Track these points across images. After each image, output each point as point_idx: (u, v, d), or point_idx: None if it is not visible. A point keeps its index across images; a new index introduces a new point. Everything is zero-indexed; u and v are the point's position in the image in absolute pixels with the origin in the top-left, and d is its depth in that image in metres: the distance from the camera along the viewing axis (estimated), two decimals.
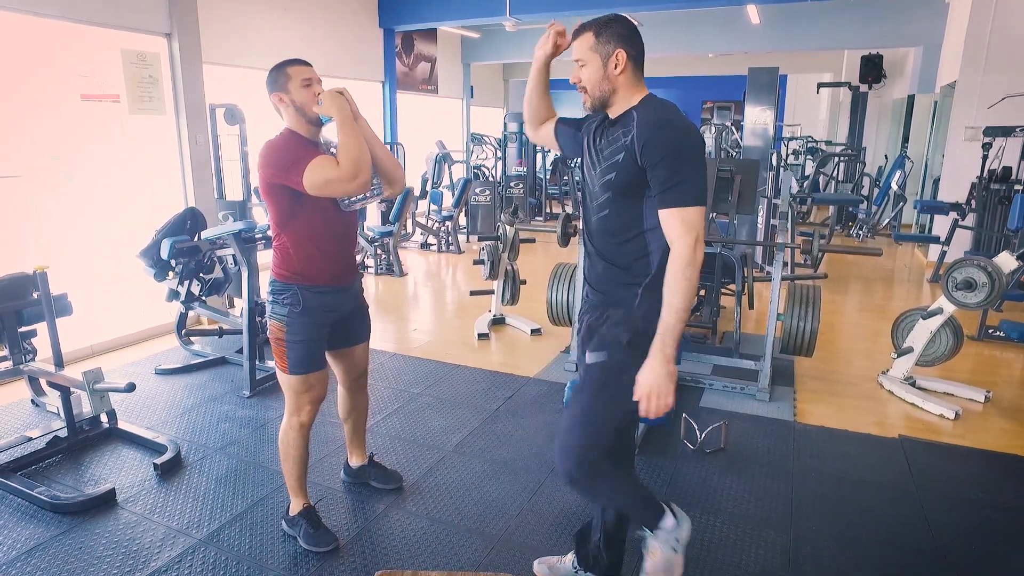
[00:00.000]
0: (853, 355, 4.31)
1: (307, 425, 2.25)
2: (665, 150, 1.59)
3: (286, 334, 2.17)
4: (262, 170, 2.06)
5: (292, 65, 2.10)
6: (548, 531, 2.39)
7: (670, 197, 1.60)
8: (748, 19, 8.34)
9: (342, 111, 2.04)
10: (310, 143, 2.13)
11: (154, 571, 2.18)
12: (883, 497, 2.62)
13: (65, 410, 2.93)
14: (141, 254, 3.86)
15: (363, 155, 2.02)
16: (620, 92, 1.70)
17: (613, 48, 1.66)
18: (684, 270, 1.59)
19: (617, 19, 1.69)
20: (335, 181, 2.00)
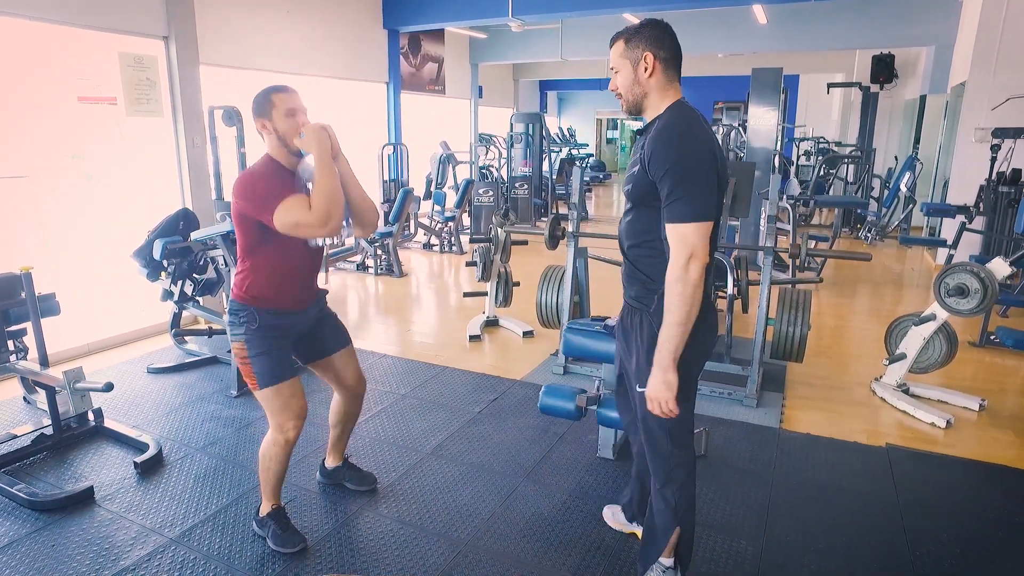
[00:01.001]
0: (849, 361, 4.24)
1: (292, 443, 2.22)
2: (668, 164, 1.62)
3: (248, 351, 2.17)
4: (236, 200, 2.07)
5: (277, 92, 2.09)
6: (516, 536, 2.38)
7: (670, 212, 1.63)
8: (755, 19, 8.25)
9: (322, 149, 2.03)
10: (287, 173, 2.14)
11: (122, 570, 2.20)
12: (862, 507, 2.57)
13: (51, 408, 2.98)
14: (135, 254, 3.92)
15: (336, 201, 2.01)
16: (651, 96, 1.74)
17: (642, 52, 1.70)
18: (673, 285, 1.63)
19: (648, 23, 1.72)
20: (305, 225, 2.00)
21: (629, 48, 1.72)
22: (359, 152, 7.61)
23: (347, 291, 6.18)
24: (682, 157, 1.61)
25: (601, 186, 17.05)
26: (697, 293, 1.63)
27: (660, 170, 1.63)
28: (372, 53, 7.84)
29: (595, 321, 2.85)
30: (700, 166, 1.63)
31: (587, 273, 4.15)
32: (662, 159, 1.62)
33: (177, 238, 3.92)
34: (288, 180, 2.11)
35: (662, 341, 1.67)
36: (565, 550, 2.30)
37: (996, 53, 6.24)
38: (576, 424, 3.19)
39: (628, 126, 23.31)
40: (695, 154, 1.63)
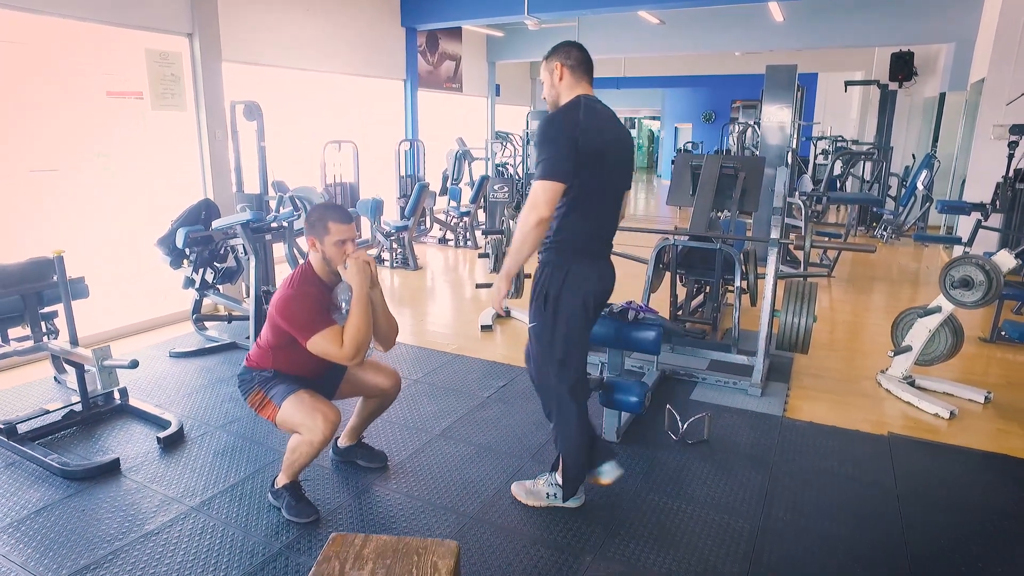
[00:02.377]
0: (858, 355, 4.27)
1: (324, 443, 2.28)
2: (537, 138, 2.10)
3: (263, 389, 2.35)
4: (276, 313, 2.25)
5: (334, 221, 2.26)
6: (520, 511, 2.47)
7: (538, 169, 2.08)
8: (772, 17, 8.24)
9: (361, 287, 2.23)
10: (325, 289, 2.33)
11: (147, 533, 2.33)
12: (860, 493, 2.62)
13: (80, 385, 3.13)
14: (158, 243, 4.07)
15: (366, 340, 2.23)
16: (562, 95, 2.17)
17: (554, 63, 2.18)
18: (519, 224, 2.11)
19: (561, 44, 2.20)
20: (334, 357, 2.22)
21: (547, 63, 2.20)
22: (377, 147, 7.76)
23: None
24: (545, 132, 2.06)
25: None
26: (532, 234, 2.07)
27: (536, 144, 2.09)
28: (390, 50, 7.97)
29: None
30: (556, 142, 2.04)
31: None
32: (538, 136, 2.09)
33: (199, 227, 4.07)
34: (325, 297, 2.32)
35: (505, 263, 2.20)
36: (567, 524, 2.38)
37: (1016, 49, 6.19)
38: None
39: (645, 125, 23.27)
40: (555, 131, 2.06)
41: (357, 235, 2.33)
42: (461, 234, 7.93)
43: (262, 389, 2.35)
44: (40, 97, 4.26)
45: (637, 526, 2.37)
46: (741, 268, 4.00)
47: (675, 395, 3.53)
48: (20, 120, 4.21)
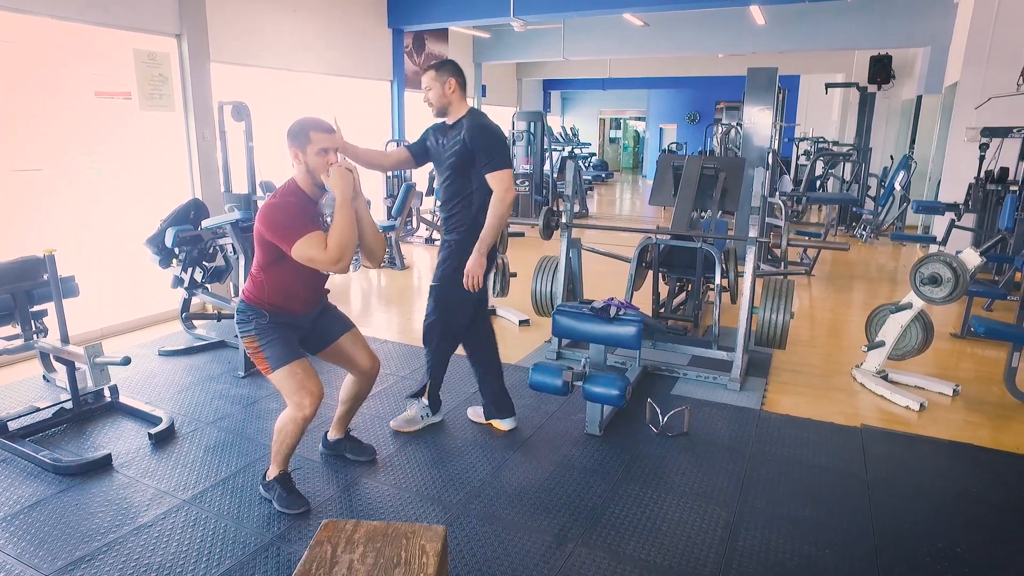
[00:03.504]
0: (835, 350, 4.40)
1: (308, 419, 2.36)
2: (488, 141, 2.72)
3: (259, 341, 2.36)
4: (259, 224, 2.26)
5: (316, 130, 2.28)
6: (504, 502, 2.55)
7: (494, 167, 2.70)
8: (753, 20, 8.39)
9: (344, 193, 2.24)
10: (309, 203, 2.34)
11: (141, 526, 2.38)
12: (832, 481, 2.73)
13: (71, 382, 3.17)
14: (147, 242, 4.10)
15: (349, 244, 2.23)
16: (453, 105, 2.79)
17: (447, 77, 2.74)
18: (498, 205, 2.70)
19: (449, 62, 2.80)
20: (319, 261, 2.22)
21: (439, 75, 2.74)
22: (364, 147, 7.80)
23: (350, 283, 6.36)
24: (493, 133, 2.76)
25: (603, 185, 17.21)
26: (508, 212, 2.74)
27: (483, 147, 2.69)
28: (376, 51, 8.02)
29: (583, 304, 3.02)
30: (503, 141, 2.77)
31: (580, 263, 4.31)
32: (485, 140, 2.70)
33: (188, 226, 4.11)
34: (310, 210, 2.31)
35: (483, 238, 2.72)
36: (548, 514, 2.46)
37: (987, 54, 6.37)
38: (566, 403, 3.36)
39: (631, 126, 23.44)
40: (499, 133, 2.80)
41: (340, 145, 2.34)
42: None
43: (258, 338, 2.34)
44: (29, 97, 4.28)
45: (619, 515, 2.46)
46: (721, 266, 4.11)
47: (657, 390, 3.63)
48: (9, 119, 4.22)
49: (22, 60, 4.21)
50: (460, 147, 2.71)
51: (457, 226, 2.83)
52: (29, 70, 4.25)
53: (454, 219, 2.83)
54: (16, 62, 4.19)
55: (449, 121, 2.81)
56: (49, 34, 4.26)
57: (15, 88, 4.20)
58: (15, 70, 4.19)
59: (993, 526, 2.44)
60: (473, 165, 2.72)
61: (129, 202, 4.85)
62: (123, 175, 4.82)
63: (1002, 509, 2.55)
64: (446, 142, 2.79)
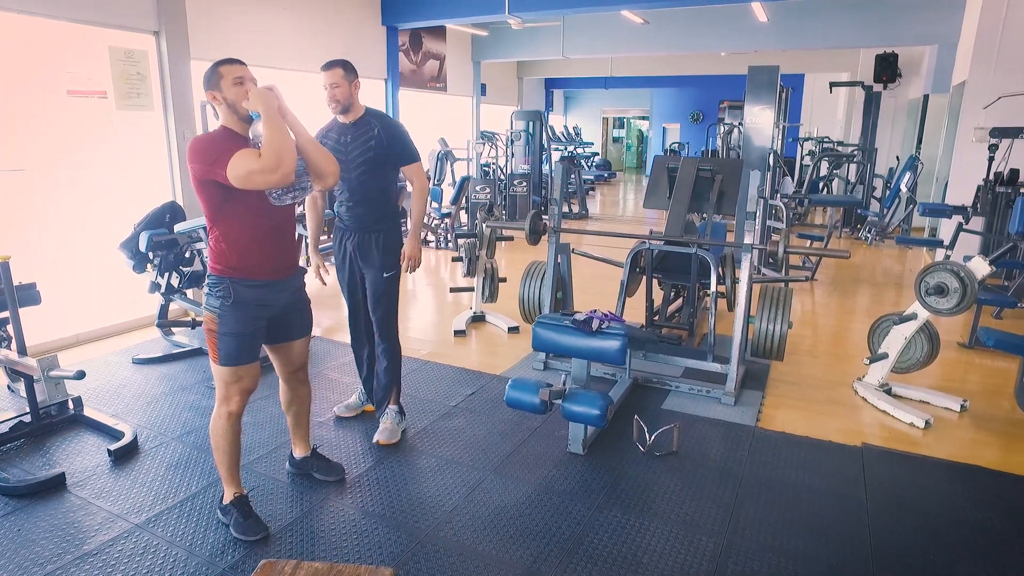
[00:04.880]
0: (836, 360, 4.21)
1: (236, 415, 2.27)
2: (403, 136, 2.89)
3: (218, 326, 2.20)
4: (191, 164, 2.09)
5: (225, 64, 2.14)
6: (476, 529, 2.38)
7: (411, 158, 2.90)
8: (755, 18, 8.19)
9: (268, 106, 2.06)
10: (240, 138, 2.15)
11: (85, 554, 2.23)
12: (828, 506, 2.55)
13: (29, 396, 3.01)
14: (121, 246, 3.96)
15: (284, 146, 2.04)
16: (355, 104, 2.80)
17: (354, 77, 2.78)
18: (423, 193, 2.97)
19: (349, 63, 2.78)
20: (257, 172, 2.01)
21: (348, 74, 2.75)
22: None
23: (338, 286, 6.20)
24: (406, 131, 2.93)
25: (606, 184, 17.01)
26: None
27: (399, 141, 2.85)
28: (370, 49, 7.86)
29: (565, 315, 2.85)
30: (409, 135, 2.93)
31: (570, 269, 4.14)
32: (399, 135, 2.86)
33: (163, 230, 3.96)
34: (241, 143, 2.12)
35: (416, 225, 2.96)
36: (523, 543, 2.30)
37: (996, 52, 6.15)
38: (550, 419, 3.19)
39: (634, 125, 23.24)
40: (406, 129, 2.96)
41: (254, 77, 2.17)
42: (442, 236, 7.84)
43: (218, 321, 2.20)
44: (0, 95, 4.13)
45: (598, 545, 2.29)
46: (717, 272, 3.93)
47: (647, 404, 3.46)
48: None
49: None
50: (375, 143, 2.79)
51: (386, 216, 2.95)
52: (1, 67, 4.11)
53: (379, 211, 2.92)
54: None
55: (349, 120, 2.82)
56: (18, 30, 4.11)
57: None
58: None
59: (1006, 559, 2.26)
60: (388, 160, 2.84)
61: (108, 204, 4.70)
62: (102, 176, 4.67)
63: (1014, 540, 2.37)
64: (351, 140, 2.81)
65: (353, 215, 2.90)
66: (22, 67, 4.17)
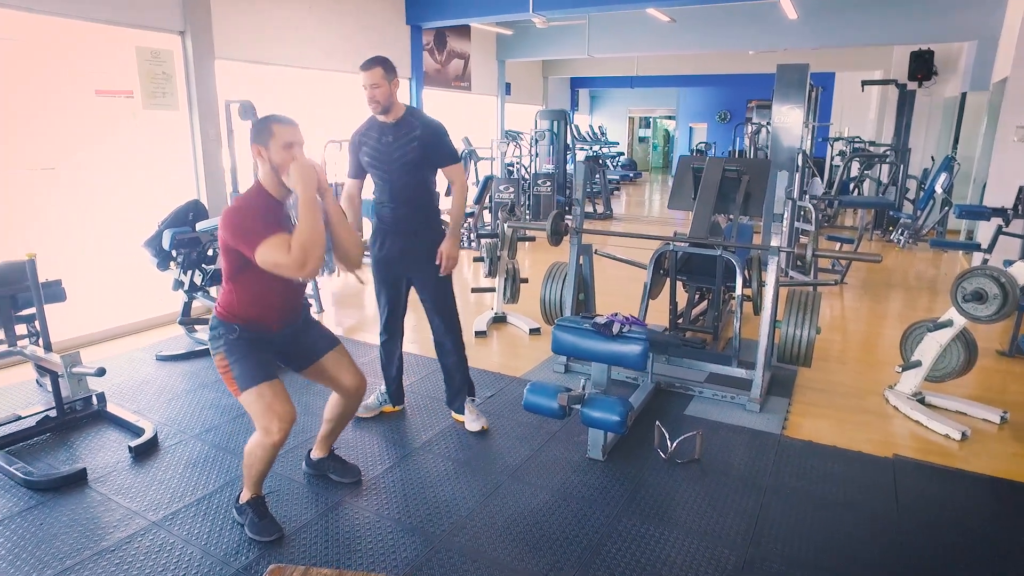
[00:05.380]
0: (865, 366, 4.08)
1: (278, 445, 2.19)
2: (445, 138, 2.86)
3: (228, 358, 2.20)
4: (222, 229, 2.09)
5: (278, 123, 2.10)
6: (492, 535, 2.34)
7: (452, 160, 2.88)
8: (784, 15, 8.00)
9: (307, 190, 2.04)
10: (275, 205, 2.16)
11: (102, 550, 2.24)
12: (858, 520, 2.46)
13: (54, 391, 3.06)
14: (145, 244, 4.00)
15: (314, 246, 2.02)
16: (395, 103, 2.77)
17: (393, 77, 2.74)
18: (463, 194, 2.93)
19: (387, 59, 2.74)
20: (283, 267, 2.03)
21: (388, 73, 2.70)
22: None
23: (361, 285, 6.22)
24: (445, 131, 2.86)
25: (632, 184, 16.86)
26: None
27: (440, 141, 2.82)
28: (394, 49, 7.86)
29: (585, 319, 2.80)
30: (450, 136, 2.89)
31: (592, 270, 4.08)
32: (441, 136, 2.82)
33: (186, 228, 4.00)
34: (275, 212, 2.14)
35: (456, 225, 2.91)
36: (539, 551, 2.25)
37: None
38: (569, 423, 3.14)
39: (661, 125, 23.00)
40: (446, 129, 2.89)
41: (304, 141, 2.15)
42: (464, 235, 7.81)
43: (227, 357, 2.19)
44: (31, 95, 4.21)
45: (615, 555, 2.23)
46: (743, 275, 3.83)
47: (669, 409, 3.39)
48: (13, 118, 4.16)
49: (25, 58, 4.15)
50: (418, 143, 2.76)
51: (431, 217, 2.94)
52: (32, 68, 4.18)
53: (423, 212, 2.91)
54: (19, 60, 4.12)
55: (390, 120, 2.78)
56: (50, 31, 4.18)
57: (20, 86, 4.14)
58: (19, 68, 4.13)
59: None
60: (429, 161, 2.81)
61: (133, 202, 4.77)
62: (128, 175, 4.74)
63: None
64: (392, 140, 2.78)
65: (396, 217, 2.86)
66: (53, 68, 4.24)
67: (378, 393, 3.30)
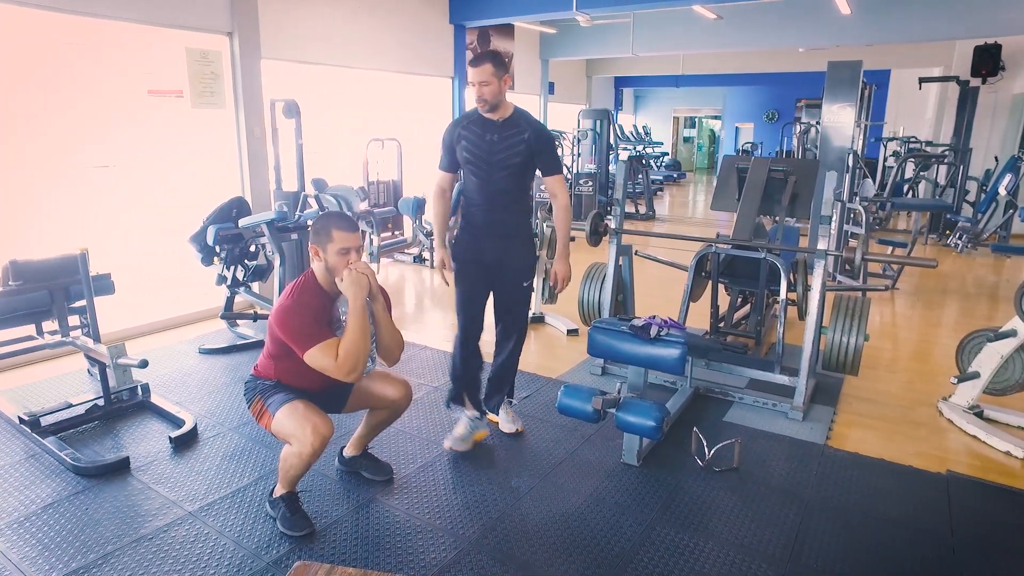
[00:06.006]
0: (916, 377, 3.89)
1: (315, 455, 2.22)
2: (550, 143, 2.70)
3: (263, 398, 2.29)
4: (274, 322, 2.19)
5: (338, 229, 2.18)
6: (522, 539, 2.30)
7: (554, 168, 2.73)
8: (837, 9, 7.71)
9: (356, 300, 2.14)
10: (326, 299, 2.25)
11: (141, 538, 2.30)
12: (909, 539, 2.33)
13: (102, 380, 3.17)
14: (191, 239, 4.11)
15: (361, 356, 2.13)
16: (503, 101, 2.63)
17: (503, 73, 2.58)
18: (567, 209, 2.79)
19: (499, 54, 2.64)
20: (329, 371, 2.13)
21: (497, 70, 2.54)
22: (422, 145, 7.73)
23: (404, 283, 6.28)
24: (551, 138, 2.72)
25: (675, 185, 16.59)
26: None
27: (547, 149, 2.67)
28: (437, 48, 7.91)
29: (622, 321, 2.74)
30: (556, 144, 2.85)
31: (631, 271, 4.00)
32: (548, 143, 2.68)
33: (230, 224, 4.09)
34: (326, 307, 2.24)
35: (564, 243, 2.82)
36: (570, 556, 2.20)
37: None
38: (604, 426, 3.08)
39: (706, 125, 22.56)
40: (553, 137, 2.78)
41: (362, 245, 2.24)
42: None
43: (262, 398, 2.30)
44: (90, 96, 4.37)
45: (648, 564, 2.17)
46: (788, 279, 3.70)
47: (707, 415, 3.29)
48: (76, 118, 4.33)
49: (83, 61, 4.31)
50: (525, 148, 2.62)
51: (523, 223, 2.83)
52: (91, 70, 4.34)
53: (517, 217, 2.77)
54: (79, 63, 4.29)
55: (496, 118, 2.63)
56: (106, 35, 4.33)
57: (80, 88, 4.30)
58: (79, 71, 4.29)
59: None
60: (532, 167, 2.69)
61: (180, 199, 4.91)
62: (179, 172, 4.88)
63: None
64: (497, 140, 2.62)
65: (489, 220, 2.72)
66: (109, 70, 4.40)
67: (467, 421, 2.95)
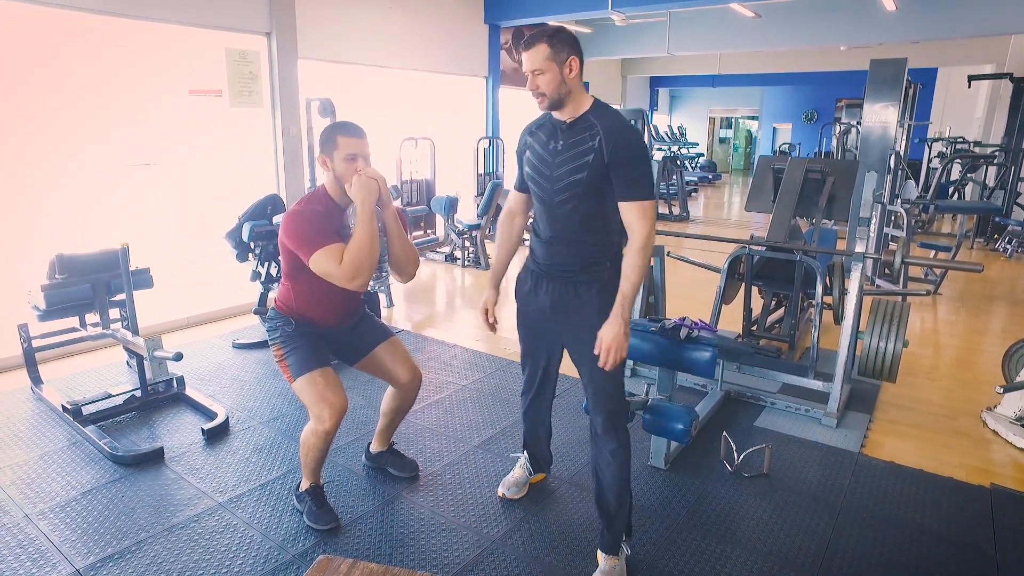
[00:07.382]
0: (958, 385, 3.76)
1: (330, 433, 2.24)
2: (632, 152, 1.86)
3: (283, 349, 2.29)
4: (281, 232, 2.18)
5: (343, 135, 2.15)
6: (546, 540, 2.29)
7: (633, 192, 1.86)
8: (882, 6, 7.49)
9: (365, 204, 2.09)
10: (336, 211, 2.22)
11: (173, 526, 2.35)
12: (948, 555, 2.25)
13: (139, 372, 3.26)
14: (226, 236, 4.19)
15: (366, 259, 2.07)
16: (574, 95, 1.91)
17: (565, 55, 1.86)
18: (641, 253, 1.86)
19: (563, 30, 1.88)
20: (334, 277, 2.09)
21: (556, 53, 1.85)
22: (456, 144, 7.76)
23: (435, 281, 6.32)
24: (644, 149, 1.89)
25: (710, 186, 16.35)
26: (648, 260, 1.90)
27: (628, 161, 1.84)
28: (471, 48, 7.94)
29: (652, 322, 2.70)
30: (647, 154, 1.89)
31: (663, 272, 3.95)
32: (631, 154, 1.85)
33: (264, 221, 4.16)
34: (335, 219, 2.19)
35: (625, 300, 1.87)
36: (592, 560, 2.17)
37: None
38: (631, 428, 3.03)
39: (743, 125, 22.18)
40: (643, 144, 1.91)
41: (369, 152, 2.19)
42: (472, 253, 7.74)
43: (283, 348, 2.28)
44: (133, 96, 4.50)
45: (672, 570, 2.14)
46: (824, 282, 3.61)
47: (738, 419, 3.23)
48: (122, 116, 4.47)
49: (128, 62, 4.44)
50: (593, 157, 1.85)
51: (600, 262, 1.98)
52: (135, 71, 4.47)
53: (589, 253, 1.97)
54: (125, 64, 4.42)
55: (565, 118, 1.93)
56: (149, 37, 4.45)
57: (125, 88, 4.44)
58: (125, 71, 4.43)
59: None
60: (606, 183, 1.87)
61: (217, 196, 5.02)
62: (217, 169, 5.00)
63: None
64: (561, 149, 1.92)
65: (551, 255, 2.04)
66: (152, 70, 4.52)
67: (524, 463, 2.61)
